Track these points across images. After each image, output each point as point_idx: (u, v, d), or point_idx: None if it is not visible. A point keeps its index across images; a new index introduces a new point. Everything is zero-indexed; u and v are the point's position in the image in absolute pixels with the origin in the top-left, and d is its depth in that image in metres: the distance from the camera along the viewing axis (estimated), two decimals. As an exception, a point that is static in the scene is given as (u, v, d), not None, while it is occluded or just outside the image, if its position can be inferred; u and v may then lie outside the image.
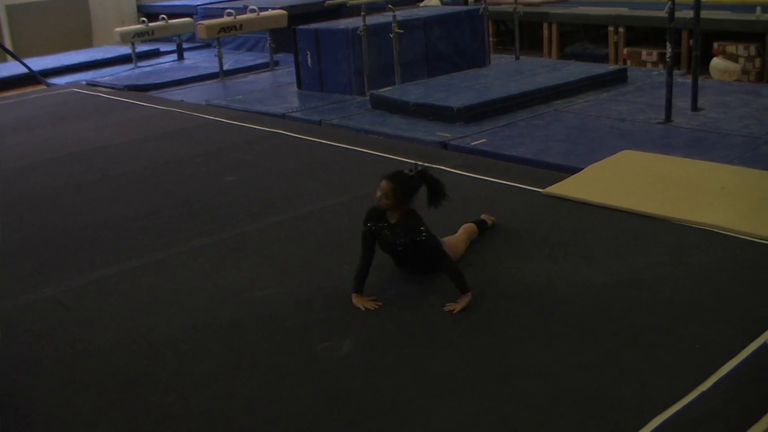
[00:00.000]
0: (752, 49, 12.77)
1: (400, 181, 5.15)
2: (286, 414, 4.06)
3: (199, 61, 15.78)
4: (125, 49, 16.26)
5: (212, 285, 5.59)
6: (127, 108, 11.88)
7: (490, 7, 13.03)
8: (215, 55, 13.92)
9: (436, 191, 5.30)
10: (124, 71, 15.27)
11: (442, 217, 5.63)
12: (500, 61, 13.01)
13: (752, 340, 4.40)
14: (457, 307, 4.95)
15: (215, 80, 13.75)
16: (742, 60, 12.80)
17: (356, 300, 5.13)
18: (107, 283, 5.78)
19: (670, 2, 8.77)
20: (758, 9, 12.88)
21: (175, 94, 12.86)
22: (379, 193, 5.12)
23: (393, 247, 5.26)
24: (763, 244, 5.64)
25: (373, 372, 4.39)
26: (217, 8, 16.69)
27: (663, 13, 9.00)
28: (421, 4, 15.55)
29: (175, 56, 16.43)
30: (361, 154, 8.44)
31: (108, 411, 4.20)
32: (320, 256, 5.94)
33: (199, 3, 18.65)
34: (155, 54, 16.88)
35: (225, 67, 13.92)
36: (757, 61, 12.78)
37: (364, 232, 5.25)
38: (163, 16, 16.12)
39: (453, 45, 12.22)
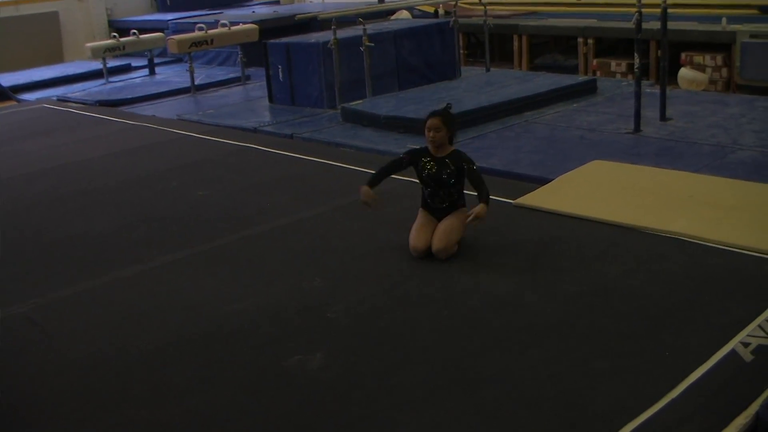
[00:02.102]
0: (719, 59, 12.90)
1: (447, 114, 5.95)
2: (257, 428, 4.06)
3: (171, 75, 15.77)
4: (96, 64, 16.22)
5: (185, 299, 5.59)
6: (99, 123, 11.85)
7: (461, 20, 13.10)
8: (187, 70, 13.93)
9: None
10: (95, 86, 15.25)
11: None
12: (471, 73, 13.09)
13: (721, 347, 4.45)
14: (480, 213, 5.64)
15: (187, 95, 13.74)
16: (709, 70, 12.93)
17: (363, 190, 6.00)
18: (80, 298, 5.76)
19: (637, 13, 8.86)
20: (724, 20, 13.03)
21: (147, 109, 12.84)
22: (432, 133, 5.83)
23: (438, 177, 5.89)
24: (731, 251, 5.70)
25: (344, 385, 4.39)
26: (189, 23, 16.68)
27: (631, 25, 9.09)
28: (392, 18, 15.61)
29: (146, 71, 16.41)
30: (332, 167, 8.46)
31: (79, 427, 4.18)
32: (292, 270, 5.94)
33: (170, 18, 18.66)
34: (126, 69, 16.85)
35: (196, 82, 13.91)
36: (724, 71, 12.91)
37: (396, 159, 6.14)
38: (134, 31, 16.11)
39: (423, 58, 12.27)
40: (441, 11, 16.65)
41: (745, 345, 4.47)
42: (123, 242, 6.82)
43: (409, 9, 16.39)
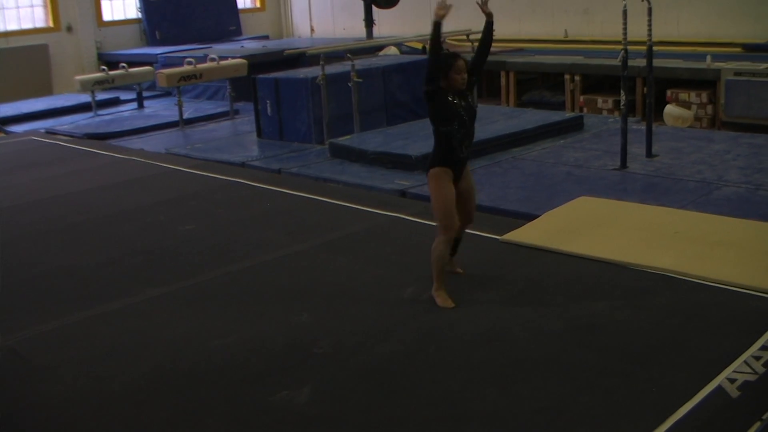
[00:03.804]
0: (704, 96, 12.99)
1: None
2: (245, 463, 4.05)
3: (159, 109, 15.79)
4: (85, 97, 16.22)
5: (171, 334, 5.57)
6: (87, 156, 11.86)
7: (448, 56, 13.15)
8: (175, 104, 13.94)
9: None
10: (83, 119, 15.24)
11: (398, 267, 5.66)
12: (459, 109, 13.09)
13: (707, 383, 4.47)
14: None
15: (175, 129, 13.76)
16: (694, 107, 13.02)
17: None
18: (66, 331, 5.74)
19: (623, 51, 8.95)
20: (708, 57, 13.14)
21: (135, 142, 12.85)
22: (463, 74, 5.64)
23: (473, 110, 5.79)
24: (717, 287, 5.73)
25: (331, 420, 4.39)
26: (178, 57, 16.74)
27: (617, 62, 9.17)
28: (380, 53, 15.68)
29: (135, 104, 16.43)
30: (320, 203, 8.47)
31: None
32: (279, 305, 5.94)
33: (159, 52, 18.72)
34: (115, 102, 16.86)
35: (185, 116, 13.94)
36: (709, 108, 13.00)
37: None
38: (124, 64, 16.14)
39: (412, 93, 12.32)
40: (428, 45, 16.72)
41: (732, 381, 4.49)
42: (109, 276, 6.81)
43: (398, 45, 16.47)
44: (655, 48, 9.67)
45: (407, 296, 5.89)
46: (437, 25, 5.56)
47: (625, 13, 8.86)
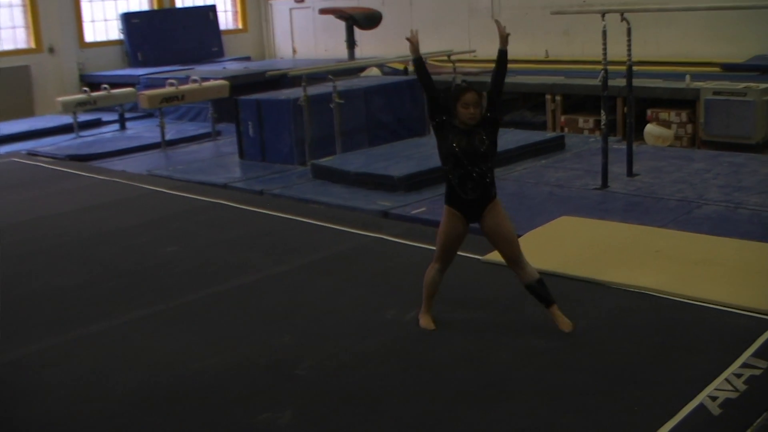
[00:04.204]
0: (684, 116, 13.08)
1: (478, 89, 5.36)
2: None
3: (142, 130, 15.77)
4: (67, 119, 16.15)
5: (153, 356, 5.55)
6: (68, 178, 11.82)
7: (430, 77, 13.20)
8: (157, 125, 13.93)
9: None
10: (65, 141, 15.20)
11: (380, 288, 5.65)
12: (440, 129, 13.13)
13: (689, 401, 4.50)
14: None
15: (157, 150, 13.73)
16: (674, 126, 13.09)
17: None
18: (47, 354, 5.72)
19: (603, 71, 9.01)
20: (688, 77, 13.24)
21: (117, 164, 12.82)
22: (471, 109, 5.24)
23: (471, 149, 5.30)
24: (698, 306, 5.78)
25: (313, 443, 4.38)
26: (160, 78, 16.73)
27: (597, 82, 9.23)
28: (362, 74, 15.72)
29: (117, 126, 16.40)
30: (302, 224, 8.48)
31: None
32: (261, 326, 5.94)
33: (141, 73, 18.71)
34: (97, 123, 16.82)
35: (167, 137, 13.92)
36: (689, 127, 13.08)
37: (435, 96, 5.43)
38: (106, 85, 16.11)
39: (393, 114, 12.38)
40: (411, 68, 16.79)
41: (713, 399, 4.52)
42: (90, 298, 6.78)
43: (380, 66, 16.51)
44: (635, 68, 9.74)
45: (390, 318, 5.89)
46: (416, 61, 5.49)
47: (604, 33, 8.94)
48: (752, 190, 8.70)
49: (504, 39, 5.50)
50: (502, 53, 5.50)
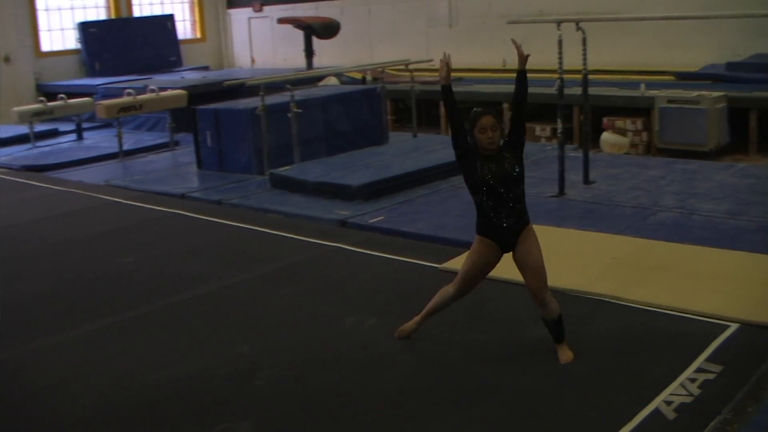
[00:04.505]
0: (639, 123, 13.24)
1: (493, 112, 5.18)
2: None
3: (99, 140, 15.63)
4: (23, 129, 15.96)
5: (110, 368, 5.52)
6: (25, 188, 11.71)
7: (388, 86, 13.27)
8: (115, 135, 13.83)
9: None
10: (21, 151, 15.02)
11: (339, 296, 5.66)
12: (398, 138, 13.23)
13: (645, 406, 4.56)
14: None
15: (115, 160, 13.63)
16: (630, 134, 13.25)
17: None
18: (4, 367, 5.67)
19: (559, 80, 9.09)
20: (643, 86, 13.41)
21: (74, 174, 12.71)
22: (489, 133, 5.07)
23: (503, 174, 5.13)
24: (653, 311, 5.85)
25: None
26: (117, 88, 16.61)
27: (554, 91, 9.31)
28: (320, 84, 15.73)
29: (74, 136, 16.24)
30: (260, 234, 8.47)
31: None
32: (220, 336, 5.92)
33: (99, 83, 18.58)
34: (54, 134, 16.65)
35: (125, 147, 13.83)
36: (644, 135, 13.24)
37: (462, 129, 5.20)
38: (63, 95, 15.98)
39: (351, 123, 12.38)
40: (369, 77, 16.84)
41: (668, 403, 4.58)
42: (48, 309, 6.73)
43: (338, 75, 16.54)
44: (591, 76, 9.85)
45: (348, 326, 5.91)
46: (444, 89, 5.22)
47: (560, 42, 9.02)
48: (706, 197, 8.83)
49: (523, 60, 5.26)
50: (521, 74, 5.28)
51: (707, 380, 4.83)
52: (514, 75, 5.24)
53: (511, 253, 5.29)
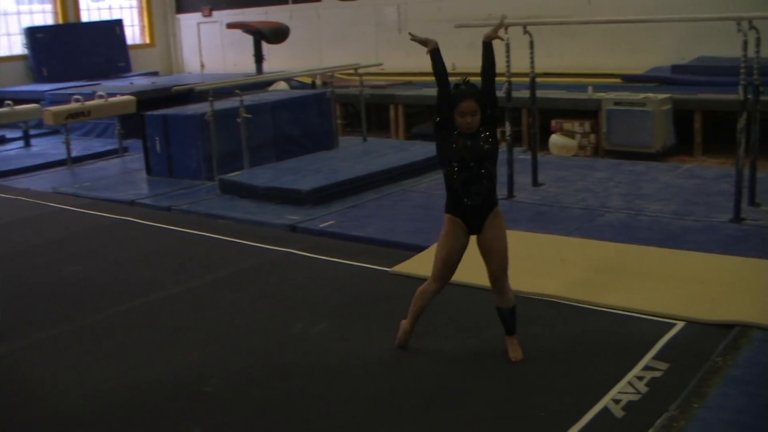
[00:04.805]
0: (587, 126, 13.37)
1: (477, 90, 5.04)
2: None
3: (47, 147, 15.44)
4: (-31, 136, 15.83)
5: (56, 379, 5.45)
6: (-32, 198, 11.55)
7: (338, 90, 13.28)
8: (63, 142, 13.68)
9: None
10: (-35, 159, 14.84)
11: (289, 302, 5.64)
12: (348, 142, 13.22)
13: (593, 405, 4.60)
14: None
15: (63, 167, 13.47)
16: (578, 136, 13.38)
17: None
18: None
19: (506, 83, 9.16)
20: (590, 88, 13.55)
21: (21, 181, 12.54)
22: (468, 118, 4.95)
23: (476, 149, 4.99)
24: (601, 311, 5.91)
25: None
26: (65, 94, 16.43)
27: (501, 94, 9.36)
28: (270, 88, 15.70)
29: (21, 143, 16.04)
30: (210, 240, 8.42)
31: None
32: (169, 344, 5.88)
33: (46, 89, 18.39)
34: (0, 141, 16.45)
35: (73, 154, 13.68)
36: (592, 137, 13.37)
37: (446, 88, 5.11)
38: (9, 101, 15.76)
39: (301, 128, 12.37)
40: (318, 82, 16.85)
41: (617, 402, 4.63)
42: (-6, 319, 6.64)
43: (287, 80, 16.53)
44: (539, 80, 9.94)
45: (298, 331, 5.90)
46: (433, 51, 5.19)
47: (507, 46, 9.07)
48: (652, 198, 8.95)
49: (493, 32, 5.20)
50: (485, 45, 5.17)
51: (654, 378, 4.89)
52: (461, 79, 5.20)
53: (476, 237, 5.24)
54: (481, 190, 5.09)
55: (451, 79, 5.14)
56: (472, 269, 6.59)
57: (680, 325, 5.61)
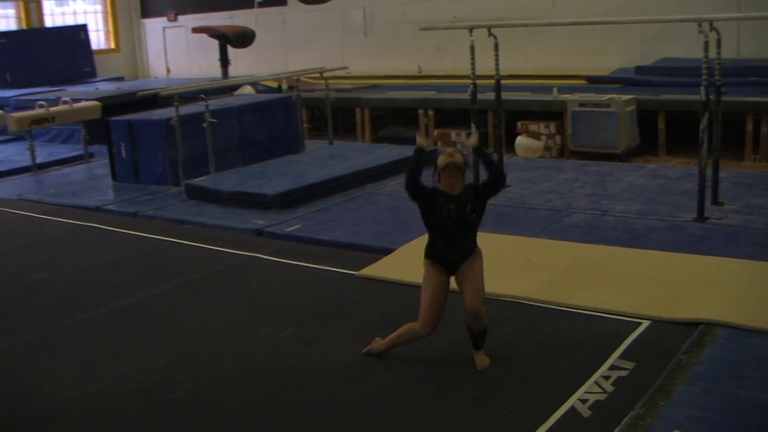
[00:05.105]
0: (552, 127, 13.45)
1: (460, 152, 5.16)
2: None
3: (11, 154, 15.29)
4: (-69, 143, 15.66)
5: (23, 386, 5.42)
6: (-70, 206, 11.43)
7: (304, 94, 13.26)
8: (27, 148, 13.56)
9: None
10: (-72, 167, 14.68)
11: (256, 306, 5.63)
12: (315, 146, 13.19)
13: (560, 405, 4.64)
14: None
15: (28, 174, 13.36)
16: (544, 137, 13.45)
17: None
18: None
19: (471, 85, 9.19)
20: (555, 90, 13.63)
21: (-15, 189, 12.46)
22: (453, 180, 5.10)
23: (461, 218, 5.08)
24: (568, 312, 5.95)
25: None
26: (29, 100, 16.31)
27: (467, 96, 9.41)
28: (236, 93, 15.66)
29: (-15, 150, 15.94)
30: (176, 245, 8.39)
31: None
32: (135, 350, 5.85)
33: (10, 95, 18.22)
34: (-37, 148, 16.33)
35: (38, 160, 13.56)
36: (558, 138, 13.46)
37: (420, 186, 5.22)
38: (-28, 108, 15.67)
39: (267, 132, 12.35)
40: (284, 86, 16.83)
41: (583, 401, 4.66)
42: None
43: (253, 84, 16.49)
44: (504, 82, 9.98)
45: (265, 336, 5.89)
46: (417, 153, 5.29)
47: (472, 48, 9.12)
48: (617, 198, 9.01)
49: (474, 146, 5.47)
50: (476, 151, 5.46)
51: (620, 377, 4.94)
52: (427, 81, 5.25)
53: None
54: (463, 249, 5.21)
55: (411, 81, 5.18)
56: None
57: (646, 324, 5.66)
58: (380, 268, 7.02)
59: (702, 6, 12.30)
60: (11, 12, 21.61)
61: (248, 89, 16.48)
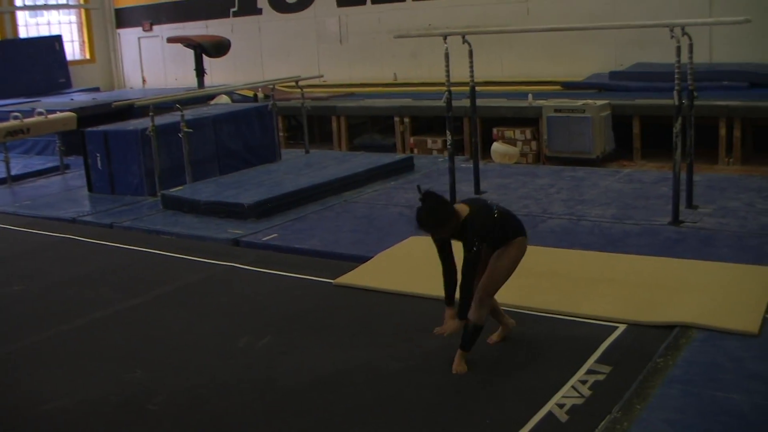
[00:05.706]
0: (528, 133, 13.51)
1: (432, 217, 5.37)
2: None
3: (-16, 167, 15.25)
4: None
5: (-1, 400, 5.39)
6: None
7: (279, 103, 13.25)
8: (1, 160, 13.49)
9: None
10: None
11: (233, 317, 5.61)
12: (291, 155, 13.20)
13: (538, 410, 4.64)
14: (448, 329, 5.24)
15: (2, 186, 13.27)
16: (519, 143, 13.51)
17: (450, 324, 5.24)
18: None
19: (446, 92, 9.22)
20: (530, 96, 13.69)
21: (-41, 202, 12.37)
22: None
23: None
24: (544, 317, 5.96)
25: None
26: (4, 111, 16.18)
27: (442, 103, 9.43)
28: (211, 102, 15.65)
29: (-42, 163, 15.81)
30: (153, 256, 8.36)
31: None
32: (113, 363, 5.81)
33: (-16, 106, 18.15)
34: (-64, 161, 16.19)
35: (13, 172, 13.48)
36: (533, 144, 13.52)
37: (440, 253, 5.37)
38: (-55, 121, 15.55)
39: (243, 142, 12.35)
40: (260, 95, 16.82)
41: (561, 406, 4.67)
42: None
43: (229, 94, 16.49)
44: (479, 88, 10.02)
45: (242, 346, 5.87)
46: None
47: (447, 55, 9.15)
48: (593, 203, 9.06)
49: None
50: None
51: (597, 381, 4.95)
52: (403, 88, 5.28)
53: None
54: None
55: (388, 89, 5.24)
56: (422, 279, 6.66)
57: (622, 327, 5.69)
58: (357, 276, 7.02)
59: (675, 12, 12.40)
60: (-15, 23, 21.55)
61: (224, 99, 16.48)
